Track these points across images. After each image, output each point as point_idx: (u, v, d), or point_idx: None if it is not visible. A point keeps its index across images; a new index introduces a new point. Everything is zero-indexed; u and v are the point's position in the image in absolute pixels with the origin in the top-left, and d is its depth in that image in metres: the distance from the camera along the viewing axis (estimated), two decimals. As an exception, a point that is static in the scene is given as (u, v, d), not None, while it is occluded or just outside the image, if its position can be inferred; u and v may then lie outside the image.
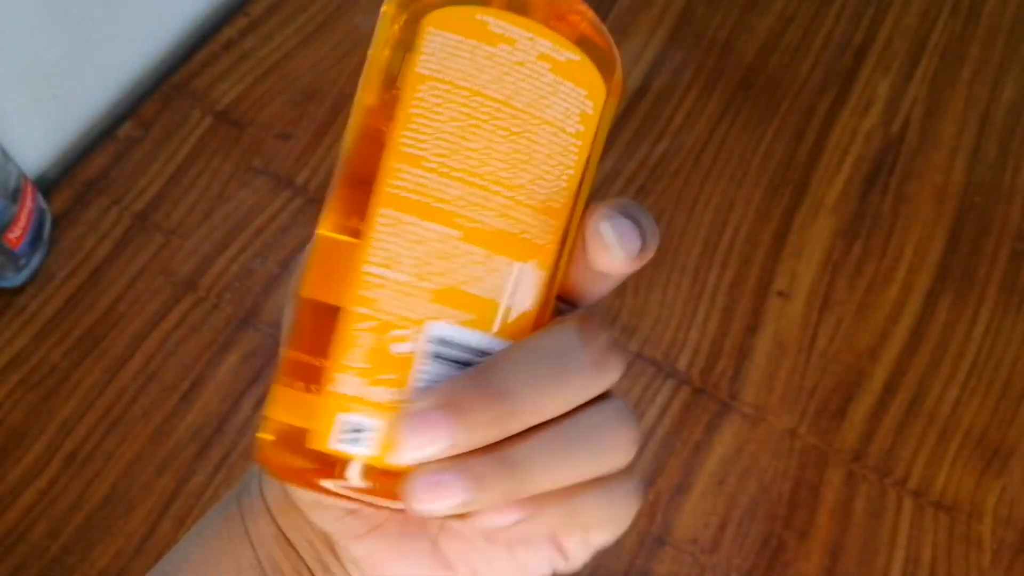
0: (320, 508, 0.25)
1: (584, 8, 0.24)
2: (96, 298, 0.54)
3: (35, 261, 0.55)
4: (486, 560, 0.26)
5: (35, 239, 0.54)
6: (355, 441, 0.21)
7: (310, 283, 0.23)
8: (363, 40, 0.64)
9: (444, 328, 0.21)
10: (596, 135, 0.23)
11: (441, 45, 0.22)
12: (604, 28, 0.24)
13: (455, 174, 0.22)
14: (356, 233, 0.22)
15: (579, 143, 0.23)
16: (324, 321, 0.22)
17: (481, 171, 0.22)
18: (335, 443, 0.21)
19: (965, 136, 0.61)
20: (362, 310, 0.21)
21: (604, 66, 0.23)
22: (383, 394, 0.21)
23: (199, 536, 0.28)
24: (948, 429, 0.51)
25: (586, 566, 0.52)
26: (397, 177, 0.22)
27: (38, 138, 0.60)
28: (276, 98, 0.62)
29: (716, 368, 0.52)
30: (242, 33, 0.65)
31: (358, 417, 0.21)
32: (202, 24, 0.67)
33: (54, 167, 0.61)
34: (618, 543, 0.48)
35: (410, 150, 0.22)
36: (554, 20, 0.22)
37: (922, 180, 0.59)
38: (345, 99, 0.62)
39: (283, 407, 0.22)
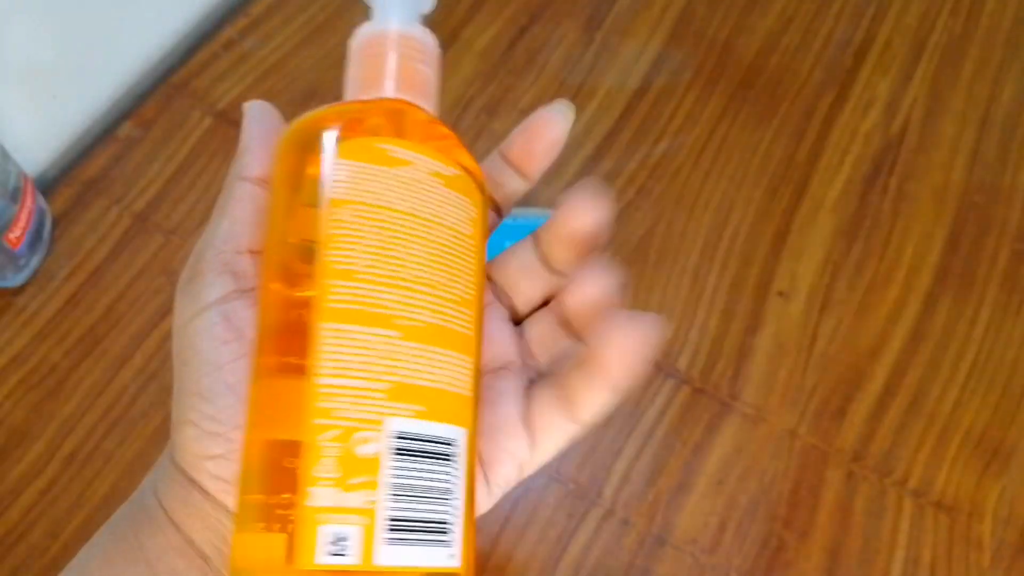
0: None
1: (448, 131, 0.27)
2: (96, 298, 0.54)
3: (35, 261, 0.55)
4: None
5: (35, 239, 0.54)
6: (341, 552, 0.21)
7: (259, 426, 0.24)
8: (363, 40, 0.64)
9: (402, 423, 0.23)
10: (481, 236, 0.27)
11: (351, 172, 0.24)
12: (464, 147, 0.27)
13: (385, 281, 0.23)
14: (300, 368, 0.23)
15: (472, 242, 0.26)
16: (284, 455, 0.22)
17: (406, 275, 0.24)
18: (322, 558, 0.21)
19: (965, 136, 0.61)
20: (323, 421, 0.22)
21: (475, 177, 0.27)
22: (358, 498, 0.22)
23: (86, 564, 0.27)
24: (948, 429, 0.51)
25: (586, 566, 0.52)
26: (333, 292, 0.23)
27: (38, 138, 0.60)
28: (276, 98, 0.62)
29: (716, 368, 0.52)
30: (242, 33, 0.65)
31: (339, 527, 0.21)
32: (202, 24, 0.67)
33: (54, 167, 0.61)
34: (618, 543, 0.48)
35: (340, 266, 0.23)
36: (433, 143, 0.26)
37: (922, 180, 0.59)
38: (345, 99, 0.62)
39: (256, 547, 0.22)
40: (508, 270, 0.31)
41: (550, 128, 0.29)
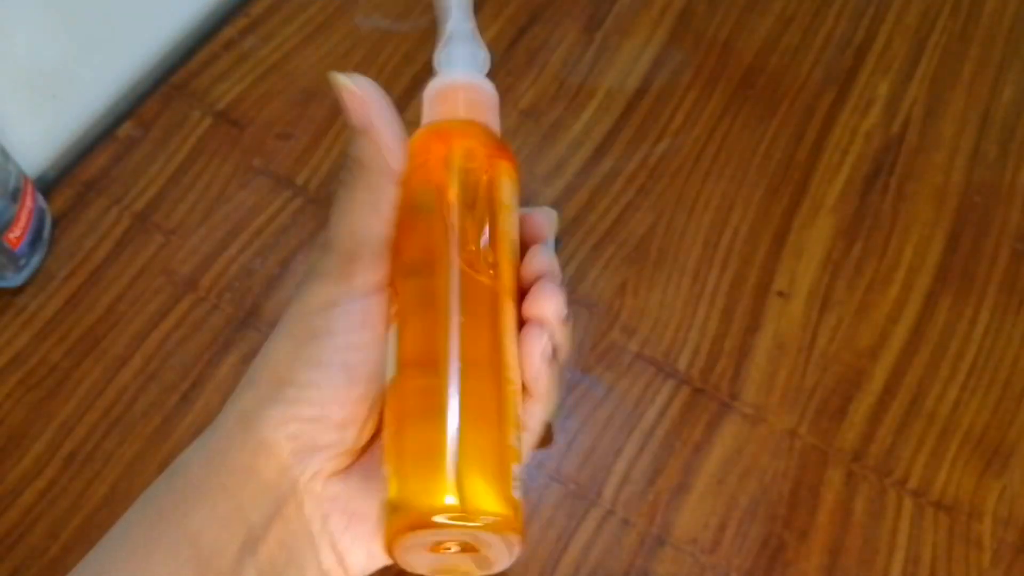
0: (315, 451, 0.28)
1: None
2: (96, 298, 0.54)
3: (35, 261, 0.55)
4: None
5: (35, 239, 0.54)
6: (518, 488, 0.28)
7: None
8: (363, 40, 0.64)
9: None
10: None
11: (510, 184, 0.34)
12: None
13: None
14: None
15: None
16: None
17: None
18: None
19: (965, 136, 0.61)
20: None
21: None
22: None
23: (125, 538, 0.27)
24: (948, 429, 0.51)
25: (586, 566, 0.52)
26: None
27: (38, 138, 0.60)
28: (276, 98, 0.62)
29: (716, 368, 0.52)
30: (242, 33, 0.65)
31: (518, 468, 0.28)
32: (202, 24, 0.67)
33: (54, 167, 0.61)
34: (618, 543, 0.48)
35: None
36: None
37: (922, 180, 0.59)
38: (345, 99, 0.62)
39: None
40: None
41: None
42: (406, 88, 0.62)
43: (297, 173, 0.59)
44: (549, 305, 0.29)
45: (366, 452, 0.30)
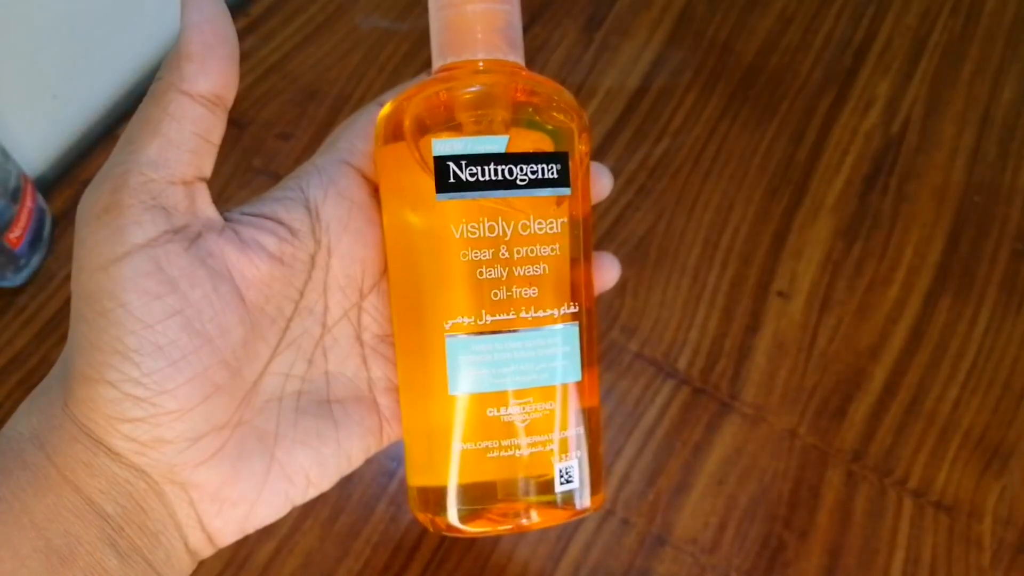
0: (161, 444, 0.24)
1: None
2: (96, 298, 0.54)
3: (35, 261, 0.55)
4: (319, 463, 0.27)
5: (35, 239, 0.54)
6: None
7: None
8: (363, 40, 0.64)
9: None
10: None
11: None
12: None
13: None
14: None
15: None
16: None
17: None
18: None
19: (965, 136, 0.61)
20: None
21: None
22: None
23: None
24: (948, 429, 0.51)
25: (586, 566, 0.52)
26: None
27: (38, 138, 0.60)
28: (276, 98, 0.62)
29: (716, 368, 0.52)
30: (242, 33, 0.65)
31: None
32: (202, 24, 0.67)
33: (54, 167, 0.61)
34: (618, 543, 0.48)
35: None
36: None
37: (922, 180, 0.59)
38: (345, 99, 0.62)
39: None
40: None
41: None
42: (406, 88, 0.62)
43: (297, 173, 0.59)
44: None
45: (238, 429, 0.26)
